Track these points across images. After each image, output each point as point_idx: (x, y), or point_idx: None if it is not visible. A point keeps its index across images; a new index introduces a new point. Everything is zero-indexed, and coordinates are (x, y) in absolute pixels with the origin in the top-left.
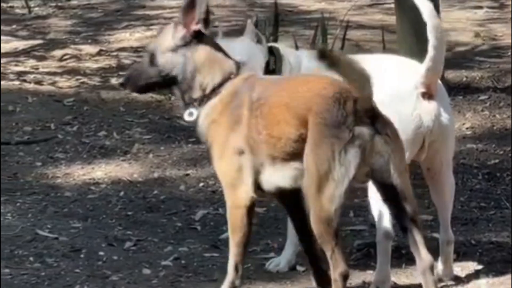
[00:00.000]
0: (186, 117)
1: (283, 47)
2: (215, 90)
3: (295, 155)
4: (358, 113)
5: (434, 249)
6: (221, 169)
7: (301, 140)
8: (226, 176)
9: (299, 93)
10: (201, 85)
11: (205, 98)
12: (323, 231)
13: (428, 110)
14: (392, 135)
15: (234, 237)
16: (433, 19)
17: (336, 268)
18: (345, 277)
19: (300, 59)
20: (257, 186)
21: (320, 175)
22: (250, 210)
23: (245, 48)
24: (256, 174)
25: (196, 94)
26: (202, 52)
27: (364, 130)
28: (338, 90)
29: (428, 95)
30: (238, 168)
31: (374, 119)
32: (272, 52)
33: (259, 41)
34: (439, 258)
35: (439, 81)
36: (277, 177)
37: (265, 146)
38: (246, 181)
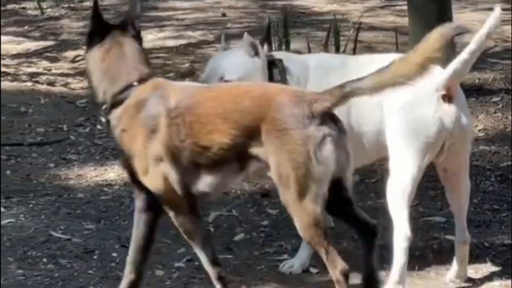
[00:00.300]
0: (99, 125)
1: (288, 55)
2: (116, 98)
3: (222, 163)
4: (320, 113)
5: (447, 251)
6: (150, 182)
7: (235, 149)
8: (157, 187)
9: (242, 103)
10: (99, 91)
11: (108, 106)
12: (313, 234)
13: (448, 112)
14: None
15: (194, 241)
16: (490, 29)
17: (334, 267)
18: (346, 274)
19: (307, 66)
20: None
21: (299, 178)
22: (193, 209)
23: (237, 64)
24: (182, 178)
25: (99, 99)
26: (100, 56)
27: (331, 129)
28: (294, 93)
29: (448, 97)
30: (164, 176)
31: (333, 118)
32: (275, 63)
33: (257, 53)
34: (454, 260)
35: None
36: (201, 184)
37: (188, 154)
38: (176, 185)
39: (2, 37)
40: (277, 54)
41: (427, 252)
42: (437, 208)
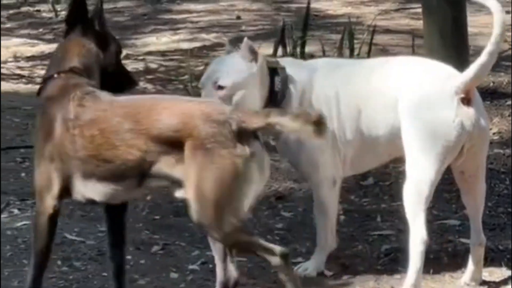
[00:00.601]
0: None
1: (294, 61)
2: (40, 88)
3: (122, 177)
4: (246, 133)
5: (462, 254)
6: (35, 174)
7: (141, 165)
8: (38, 182)
9: (162, 119)
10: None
11: (36, 96)
12: (238, 244)
13: (468, 115)
14: None
15: (36, 245)
16: (502, 27)
17: (271, 255)
18: (285, 256)
19: (314, 69)
20: (67, 192)
21: (222, 194)
22: (52, 218)
23: (232, 70)
24: (66, 183)
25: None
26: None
27: (256, 148)
28: (220, 111)
29: (467, 100)
30: (48, 177)
31: (256, 137)
32: (277, 71)
33: (255, 59)
34: (469, 262)
35: None
36: (92, 192)
37: (81, 164)
38: (53, 189)
39: (16, 40)
40: (283, 61)
41: (442, 255)
42: (452, 211)
